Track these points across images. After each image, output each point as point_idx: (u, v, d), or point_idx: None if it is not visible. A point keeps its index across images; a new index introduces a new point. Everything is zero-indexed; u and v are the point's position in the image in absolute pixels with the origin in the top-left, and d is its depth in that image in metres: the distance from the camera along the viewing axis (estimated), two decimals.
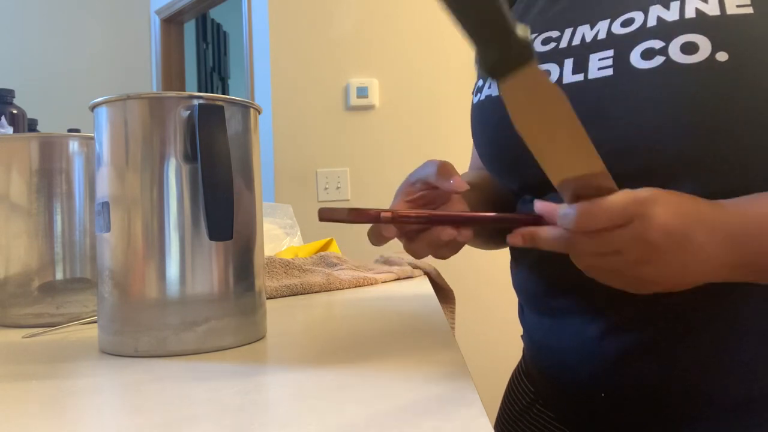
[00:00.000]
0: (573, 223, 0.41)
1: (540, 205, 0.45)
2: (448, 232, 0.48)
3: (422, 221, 0.46)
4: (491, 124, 0.61)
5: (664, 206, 0.42)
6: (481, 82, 0.64)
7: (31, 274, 0.64)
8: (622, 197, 0.41)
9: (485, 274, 1.96)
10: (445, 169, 0.52)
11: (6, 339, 0.58)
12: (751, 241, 0.43)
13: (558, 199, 0.47)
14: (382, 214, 0.44)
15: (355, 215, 0.44)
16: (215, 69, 4.76)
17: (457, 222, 0.48)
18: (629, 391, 0.54)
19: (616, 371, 0.54)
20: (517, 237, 0.46)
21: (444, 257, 0.56)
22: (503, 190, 0.67)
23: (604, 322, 0.54)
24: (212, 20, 4.67)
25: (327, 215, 0.47)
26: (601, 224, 0.41)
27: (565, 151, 0.41)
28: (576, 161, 0.41)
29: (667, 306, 0.50)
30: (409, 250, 0.51)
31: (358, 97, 2.22)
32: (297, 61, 2.25)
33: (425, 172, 0.52)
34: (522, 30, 0.37)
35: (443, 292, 0.95)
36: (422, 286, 0.88)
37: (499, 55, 0.37)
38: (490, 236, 0.71)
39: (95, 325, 0.60)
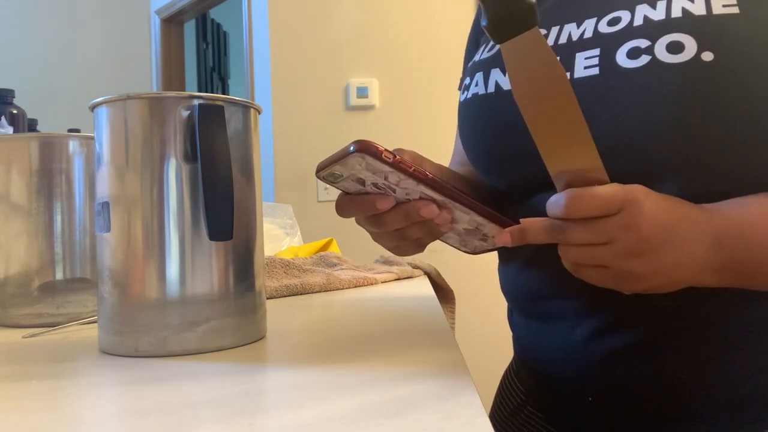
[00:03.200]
0: (563, 208, 0.41)
1: (525, 221, 0.46)
2: (430, 209, 0.48)
3: (418, 176, 0.45)
4: (479, 123, 0.61)
5: (653, 199, 0.42)
6: (468, 80, 0.63)
7: (31, 274, 0.64)
8: (613, 187, 0.41)
9: (485, 274, 1.96)
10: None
11: (6, 339, 0.58)
12: (733, 241, 0.43)
13: (542, 202, 0.47)
14: (385, 154, 0.44)
15: (362, 146, 0.43)
16: (215, 69, 4.76)
17: (447, 194, 0.47)
18: (617, 393, 0.54)
19: (603, 374, 0.54)
20: (505, 235, 0.46)
21: (405, 251, 0.56)
22: (486, 189, 0.67)
23: (589, 325, 0.54)
24: (212, 20, 4.67)
25: (326, 162, 0.46)
26: (590, 210, 0.41)
27: (562, 138, 0.41)
28: (574, 153, 0.41)
29: (653, 309, 0.50)
30: (378, 221, 0.51)
31: (358, 97, 2.22)
32: (297, 61, 2.25)
33: None
34: None
35: (443, 292, 0.95)
36: (422, 286, 0.88)
37: (504, 16, 0.38)
38: None
39: (95, 325, 0.60)
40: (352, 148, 0.43)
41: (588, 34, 0.52)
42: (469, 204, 0.48)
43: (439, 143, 2.20)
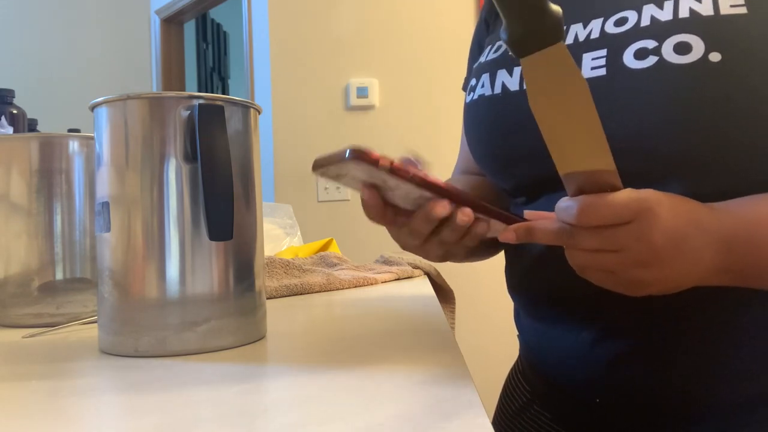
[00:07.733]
0: (574, 216, 0.41)
1: (530, 214, 0.45)
2: (443, 206, 0.46)
3: (416, 180, 0.45)
4: (485, 124, 0.60)
5: (666, 207, 0.41)
6: (474, 81, 0.63)
7: (31, 274, 0.64)
8: (626, 195, 0.40)
9: (485, 275, 1.97)
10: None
11: (6, 339, 0.58)
12: (741, 244, 0.43)
13: (550, 203, 0.46)
14: (381, 161, 0.43)
15: (357, 154, 0.42)
16: (215, 69, 4.76)
17: (446, 194, 0.46)
18: (624, 396, 0.54)
19: (610, 376, 0.54)
20: (510, 233, 0.45)
21: (433, 253, 0.54)
22: (494, 196, 0.67)
23: (596, 328, 0.53)
24: (212, 20, 4.67)
25: (322, 162, 0.45)
26: (603, 220, 0.40)
27: (577, 141, 0.40)
28: (587, 155, 0.40)
29: (659, 312, 0.50)
30: (407, 228, 0.50)
31: (358, 97, 2.22)
32: (297, 61, 2.25)
33: None
34: (555, 8, 0.37)
35: (443, 292, 0.95)
36: (422, 286, 0.88)
37: (528, 31, 0.37)
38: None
39: (95, 325, 0.60)
40: (347, 154, 0.43)
41: (595, 35, 0.52)
42: (470, 202, 0.47)
43: (440, 143, 2.20)
